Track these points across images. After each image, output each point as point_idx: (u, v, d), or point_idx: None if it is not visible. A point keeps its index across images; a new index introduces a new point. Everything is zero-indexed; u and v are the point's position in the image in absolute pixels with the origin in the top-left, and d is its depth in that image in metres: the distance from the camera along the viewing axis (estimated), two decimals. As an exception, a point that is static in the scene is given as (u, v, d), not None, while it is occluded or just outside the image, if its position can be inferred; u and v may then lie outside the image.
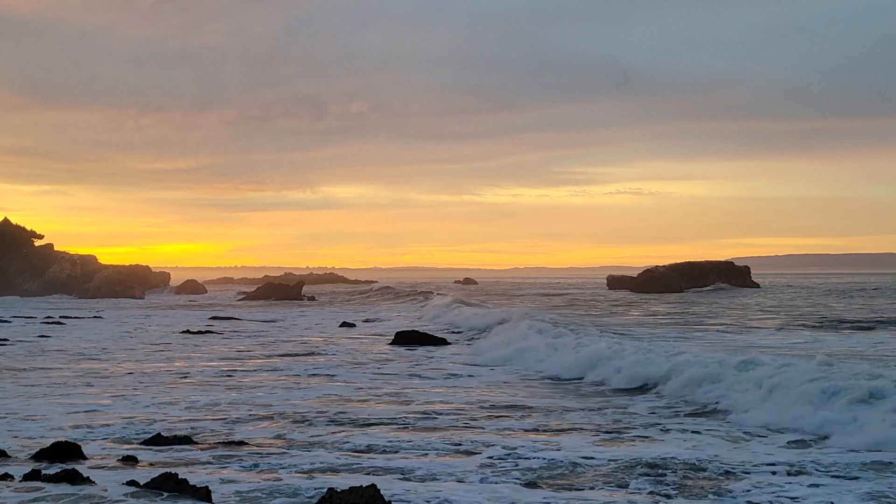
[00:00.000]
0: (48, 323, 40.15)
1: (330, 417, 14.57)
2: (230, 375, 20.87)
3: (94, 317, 46.79)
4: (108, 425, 13.70)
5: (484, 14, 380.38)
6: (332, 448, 12.07)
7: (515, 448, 11.75)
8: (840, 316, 44.31)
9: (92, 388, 18.28)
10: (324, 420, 14.34)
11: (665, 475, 10.15)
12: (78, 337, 32.71)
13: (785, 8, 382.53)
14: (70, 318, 44.76)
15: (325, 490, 8.56)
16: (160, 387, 18.66)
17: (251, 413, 15.04)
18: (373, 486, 8.36)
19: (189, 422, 14.16)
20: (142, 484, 9.33)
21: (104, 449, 11.83)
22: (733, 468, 10.41)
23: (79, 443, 11.57)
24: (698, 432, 13.03)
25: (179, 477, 9.34)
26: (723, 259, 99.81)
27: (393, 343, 29.49)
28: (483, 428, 13.50)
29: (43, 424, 13.75)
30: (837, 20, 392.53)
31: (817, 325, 37.99)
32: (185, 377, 20.55)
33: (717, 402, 15.19)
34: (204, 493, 9.07)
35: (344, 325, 41.31)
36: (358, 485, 8.40)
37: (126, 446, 12.02)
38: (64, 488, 9.26)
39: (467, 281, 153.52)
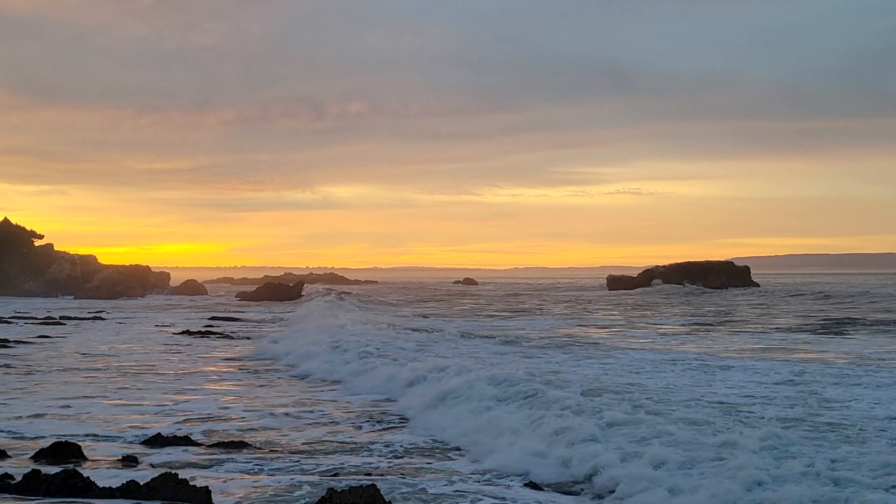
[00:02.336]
0: (49, 323, 40.09)
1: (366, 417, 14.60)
2: (243, 376, 20.85)
3: (95, 317, 46.71)
4: (112, 426, 13.70)
5: (483, 14, 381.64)
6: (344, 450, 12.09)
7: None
8: (827, 317, 44.36)
9: (94, 389, 18.25)
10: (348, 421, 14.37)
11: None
12: (84, 339, 32.57)
13: (782, 8, 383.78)
14: (70, 318, 44.69)
15: (325, 490, 8.55)
16: (164, 388, 18.67)
17: (277, 414, 15.07)
18: (372, 486, 8.33)
19: (196, 424, 14.17)
20: (141, 484, 9.31)
21: (105, 449, 11.82)
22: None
23: (79, 442, 11.56)
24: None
25: (179, 477, 9.32)
26: (723, 259, 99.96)
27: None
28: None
29: (48, 424, 13.73)
30: (835, 20, 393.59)
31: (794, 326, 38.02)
32: (184, 378, 20.55)
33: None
34: (204, 493, 9.05)
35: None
36: (358, 485, 8.39)
37: (127, 447, 12.01)
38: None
39: (468, 281, 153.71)
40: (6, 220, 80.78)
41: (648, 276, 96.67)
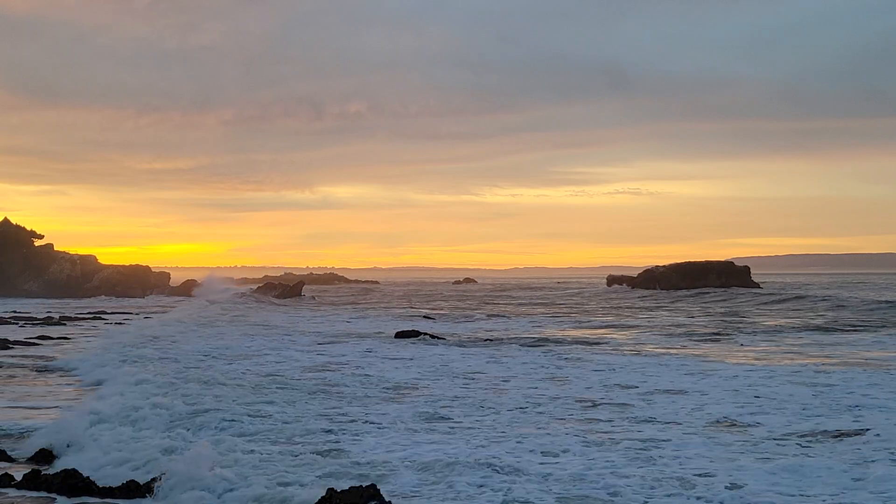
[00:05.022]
0: (49, 324, 40.07)
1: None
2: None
3: (95, 317, 46.73)
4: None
5: (483, 14, 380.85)
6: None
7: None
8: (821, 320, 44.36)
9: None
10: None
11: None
12: (86, 340, 32.59)
13: (781, 8, 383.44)
14: (70, 318, 44.70)
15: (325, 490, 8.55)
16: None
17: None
18: (372, 486, 8.34)
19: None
20: (141, 484, 9.33)
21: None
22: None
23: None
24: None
25: (179, 477, 9.33)
26: (723, 259, 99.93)
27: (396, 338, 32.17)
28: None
29: (45, 424, 13.73)
30: (835, 20, 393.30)
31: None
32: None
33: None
34: (204, 493, 9.06)
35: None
36: (358, 485, 8.40)
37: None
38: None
39: (467, 281, 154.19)
40: (6, 220, 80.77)
41: (648, 276, 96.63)
